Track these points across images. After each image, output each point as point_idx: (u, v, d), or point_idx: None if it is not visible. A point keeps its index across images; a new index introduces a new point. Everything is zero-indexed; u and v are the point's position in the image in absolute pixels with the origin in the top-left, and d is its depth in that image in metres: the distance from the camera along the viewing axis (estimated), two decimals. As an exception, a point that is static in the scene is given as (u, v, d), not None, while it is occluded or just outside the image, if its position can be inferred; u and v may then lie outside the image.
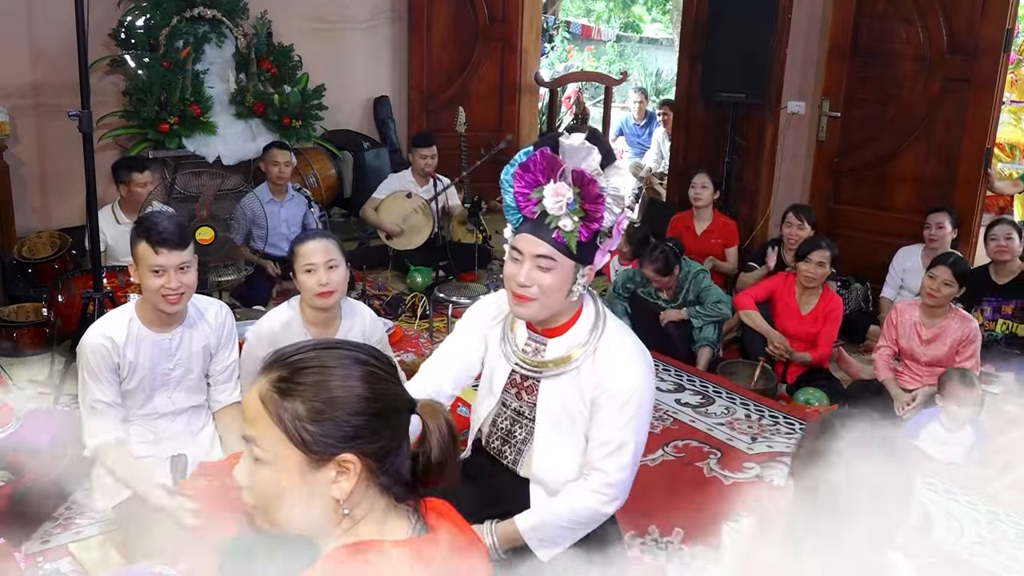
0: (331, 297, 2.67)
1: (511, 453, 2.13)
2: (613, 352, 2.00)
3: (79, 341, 2.52)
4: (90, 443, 2.49)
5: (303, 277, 2.66)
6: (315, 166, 5.82)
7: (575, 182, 1.88)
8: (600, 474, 1.99)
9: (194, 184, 4.41)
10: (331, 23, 6.30)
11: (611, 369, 1.99)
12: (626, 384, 1.97)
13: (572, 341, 2.02)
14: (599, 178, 1.87)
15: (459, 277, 5.16)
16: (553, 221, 1.89)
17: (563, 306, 1.99)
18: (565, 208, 1.87)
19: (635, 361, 2.01)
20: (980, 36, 4.66)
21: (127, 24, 5.22)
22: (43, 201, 5.25)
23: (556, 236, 1.89)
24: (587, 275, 1.97)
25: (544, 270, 1.91)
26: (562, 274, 1.92)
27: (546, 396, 2.05)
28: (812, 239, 4.24)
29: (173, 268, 2.43)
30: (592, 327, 2.03)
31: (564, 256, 1.91)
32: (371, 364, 1.22)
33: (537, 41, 7.29)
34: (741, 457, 3.31)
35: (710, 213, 5.08)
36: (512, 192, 1.94)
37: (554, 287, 1.93)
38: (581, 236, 1.89)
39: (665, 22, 15.31)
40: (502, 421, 2.15)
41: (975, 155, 4.79)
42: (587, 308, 2.05)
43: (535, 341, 2.07)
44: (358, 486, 1.19)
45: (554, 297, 1.95)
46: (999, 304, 4.24)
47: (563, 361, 2.02)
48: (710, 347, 4.23)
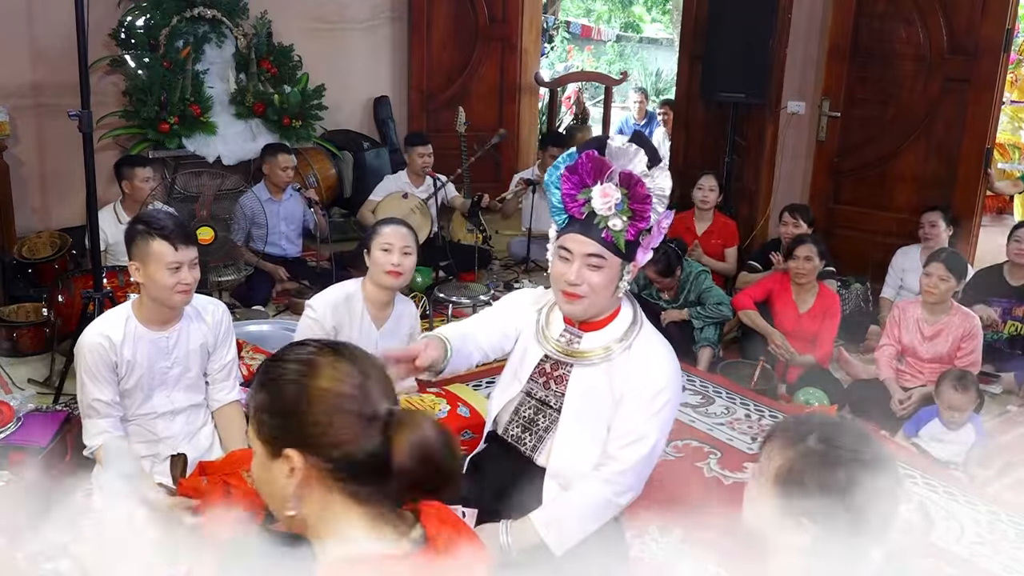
0: (399, 279, 2.85)
1: (531, 440, 2.16)
2: (648, 350, 2.08)
3: (78, 340, 2.53)
4: (89, 443, 2.50)
5: (378, 254, 2.83)
6: (315, 166, 5.82)
7: (623, 183, 1.95)
8: (615, 463, 2.03)
9: (194, 184, 4.42)
10: (331, 23, 6.30)
11: (644, 364, 2.05)
12: (658, 380, 2.04)
13: (608, 337, 2.09)
14: (646, 179, 1.95)
15: (459, 277, 5.16)
16: (602, 221, 1.97)
17: (608, 304, 2.07)
18: (614, 208, 1.94)
19: (668, 361, 2.09)
20: (980, 36, 4.66)
21: (127, 24, 5.22)
22: (43, 201, 5.25)
23: (605, 235, 1.97)
24: (632, 272, 2.05)
25: (594, 268, 2.00)
26: (610, 272, 2.01)
27: (576, 385, 2.10)
28: (797, 237, 4.26)
29: (188, 263, 2.47)
30: (629, 326, 2.10)
31: (613, 255, 1.99)
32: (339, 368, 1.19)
33: (537, 41, 7.30)
34: (741, 457, 3.31)
35: (711, 214, 5.08)
36: (559, 193, 2.00)
37: (603, 285, 2.01)
38: (628, 235, 1.97)
39: (665, 22, 15.30)
40: (525, 410, 2.19)
41: (975, 155, 4.78)
42: (625, 307, 2.13)
43: (570, 333, 2.13)
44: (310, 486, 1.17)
45: (602, 295, 2.03)
46: (1011, 306, 4.24)
47: (598, 352, 2.08)
48: (711, 347, 4.23)
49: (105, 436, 2.49)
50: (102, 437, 2.49)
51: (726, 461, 3.27)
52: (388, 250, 2.83)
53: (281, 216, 5.01)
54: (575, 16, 15.08)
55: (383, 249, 2.84)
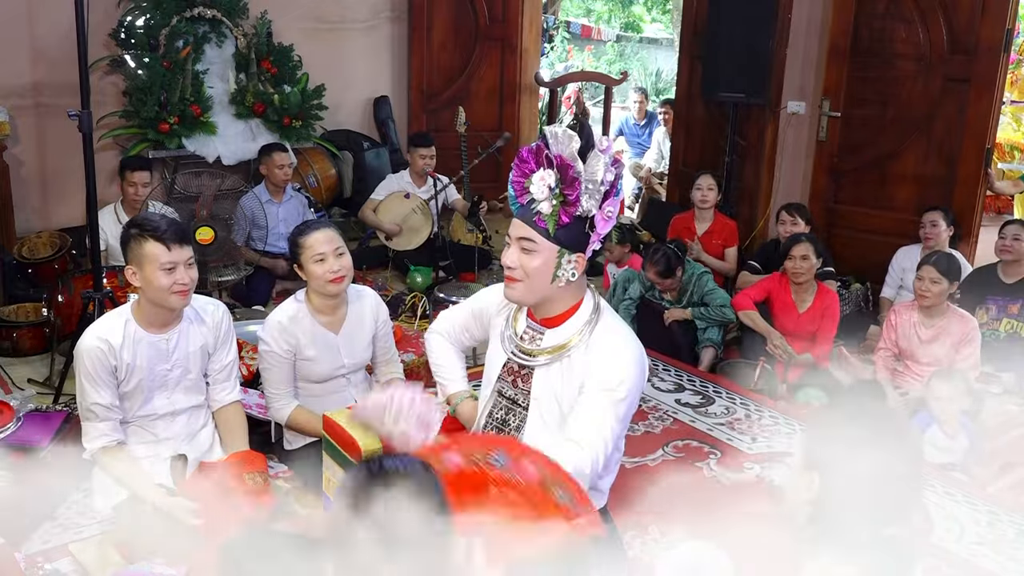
0: (343, 282, 2.78)
1: None
2: (605, 341, 2.06)
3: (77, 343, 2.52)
4: (89, 446, 2.50)
5: (313, 267, 2.74)
6: (315, 166, 5.82)
7: (557, 167, 1.97)
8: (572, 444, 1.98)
9: (194, 184, 4.42)
10: (331, 23, 6.30)
11: (603, 355, 2.04)
12: (615, 370, 2.02)
13: (568, 331, 2.09)
14: (575, 162, 1.94)
15: (459, 277, 5.16)
16: (536, 205, 1.99)
17: (550, 291, 2.05)
18: (547, 192, 1.96)
19: (627, 351, 2.06)
20: (980, 36, 4.66)
21: (127, 24, 5.22)
22: (43, 201, 5.25)
23: (537, 219, 1.99)
24: (574, 262, 2.02)
25: (527, 252, 2.01)
26: (544, 257, 2.00)
27: (539, 384, 2.11)
28: (792, 236, 4.25)
29: (183, 263, 2.46)
30: (588, 319, 2.09)
31: (544, 239, 1.99)
32: None
33: (537, 41, 7.29)
34: (741, 457, 3.31)
35: (711, 214, 5.08)
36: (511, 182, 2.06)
37: (538, 270, 2.01)
38: (561, 220, 1.97)
39: (665, 22, 15.30)
40: (497, 411, 2.21)
41: (975, 155, 4.78)
42: (586, 301, 2.12)
43: (533, 330, 2.14)
44: None
45: (538, 280, 2.02)
46: (1005, 303, 4.24)
47: (557, 350, 2.08)
48: (714, 347, 4.23)
49: (104, 439, 2.48)
50: (101, 440, 2.48)
51: (726, 461, 3.27)
52: (323, 259, 2.73)
53: (280, 217, 5.01)
54: (575, 16, 15.08)
55: (317, 260, 2.73)
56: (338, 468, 2.56)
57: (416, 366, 3.61)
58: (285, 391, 2.83)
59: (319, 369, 2.85)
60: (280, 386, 2.82)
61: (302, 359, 2.82)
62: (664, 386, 3.94)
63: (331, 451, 2.58)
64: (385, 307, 3.05)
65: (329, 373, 2.88)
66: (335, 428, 2.53)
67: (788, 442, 3.42)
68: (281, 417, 2.84)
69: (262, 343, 2.81)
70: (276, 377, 2.81)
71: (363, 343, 2.94)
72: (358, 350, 2.93)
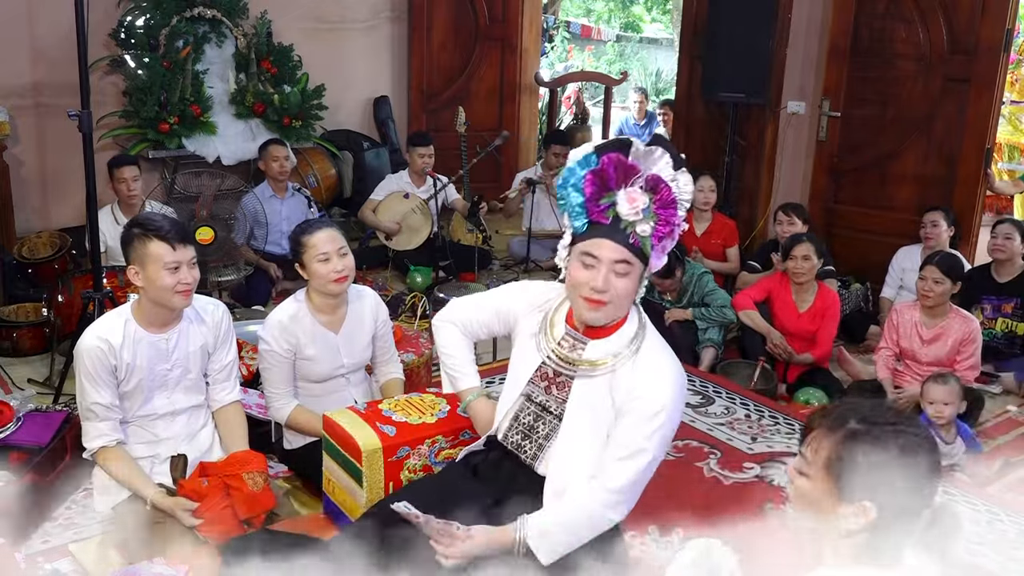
0: (346, 282, 2.78)
1: (531, 448, 2.13)
2: (652, 363, 2.01)
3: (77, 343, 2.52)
4: (89, 446, 2.49)
5: (317, 266, 2.73)
6: (315, 166, 5.82)
7: (649, 188, 1.90)
8: (609, 478, 1.98)
9: (194, 184, 4.41)
10: (331, 23, 6.30)
11: (647, 378, 1.99)
12: (660, 396, 1.97)
13: (613, 345, 2.03)
14: (673, 184, 1.90)
15: (459, 277, 5.16)
16: (629, 226, 1.91)
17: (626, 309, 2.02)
18: (641, 214, 1.89)
19: (672, 376, 2.01)
20: (980, 36, 4.66)
21: (127, 24, 5.22)
22: (43, 201, 5.25)
23: (633, 241, 1.92)
24: (648, 276, 2.01)
25: (621, 275, 1.94)
26: (635, 278, 1.96)
27: (579, 395, 2.05)
28: (793, 235, 4.25)
29: (187, 263, 2.47)
30: (635, 335, 2.04)
31: (639, 260, 1.94)
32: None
33: (537, 41, 7.29)
34: (741, 457, 3.31)
35: (710, 214, 5.08)
36: (580, 197, 1.94)
37: (628, 291, 1.96)
38: (656, 238, 1.93)
39: (665, 22, 15.30)
40: (524, 416, 2.16)
41: (975, 155, 4.78)
42: (632, 315, 2.07)
43: (573, 339, 2.08)
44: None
45: (626, 301, 1.99)
46: (1000, 303, 4.25)
47: (601, 363, 2.03)
48: (715, 348, 4.23)
49: (104, 439, 2.48)
50: (101, 440, 2.48)
51: (726, 461, 3.27)
52: (327, 259, 2.72)
53: (283, 215, 5.01)
54: (575, 16, 15.07)
55: (321, 260, 2.72)
56: (338, 468, 2.56)
57: (416, 366, 3.60)
58: (285, 391, 2.83)
59: (319, 369, 2.85)
60: (280, 386, 2.82)
61: (302, 358, 2.82)
62: (664, 386, 3.93)
63: (331, 451, 2.58)
64: (385, 307, 3.05)
65: (329, 373, 2.88)
66: (335, 428, 2.53)
67: (788, 442, 3.42)
68: (281, 417, 2.84)
69: (262, 342, 2.81)
70: (276, 376, 2.81)
71: (363, 343, 2.94)
72: (358, 350, 2.93)
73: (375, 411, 2.59)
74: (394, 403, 2.66)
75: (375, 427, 2.49)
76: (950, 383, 3.29)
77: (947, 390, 3.27)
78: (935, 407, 3.28)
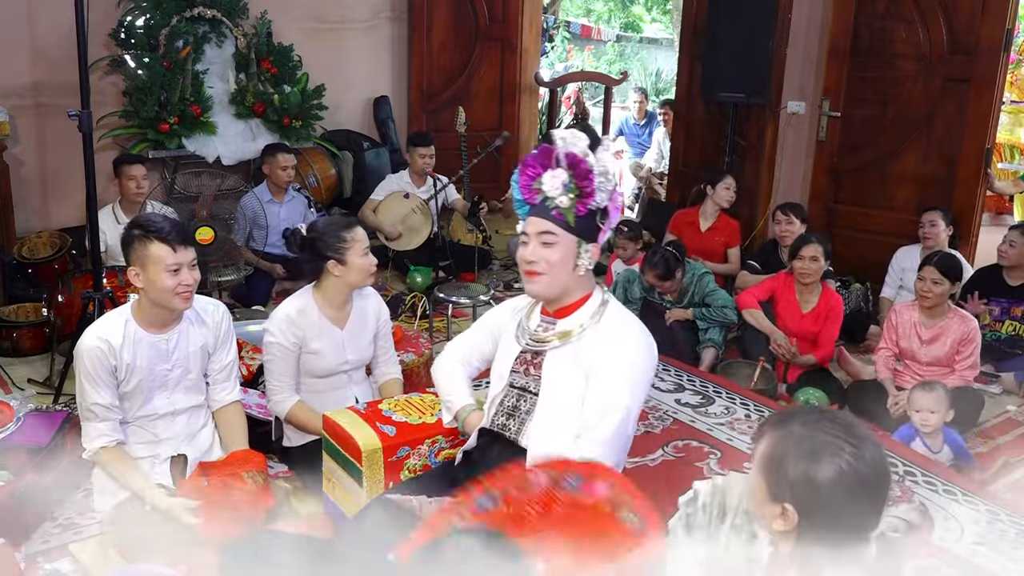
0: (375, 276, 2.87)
1: (515, 424, 2.23)
2: (615, 325, 2.17)
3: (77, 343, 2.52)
4: (89, 446, 2.49)
5: (360, 260, 2.81)
6: (315, 166, 5.82)
7: (568, 164, 2.10)
8: (592, 431, 2.06)
9: (194, 184, 4.42)
10: (331, 23, 6.30)
11: (612, 337, 2.13)
12: (631, 350, 2.13)
13: (579, 319, 2.19)
14: (587, 157, 2.08)
15: (459, 277, 5.16)
16: (551, 201, 2.11)
17: (571, 281, 2.17)
18: (561, 188, 2.09)
19: (636, 333, 2.17)
20: (980, 36, 4.66)
21: (127, 24, 5.22)
22: (43, 201, 5.25)
23: (555, 213, 2.11)
24: (591, 252, 2.15)
25: (548, 245, 2.12)
26: (565, 247, 2.12)
27: (550, 367, 2.19)
28: (802, 236, 4.25)
29: (187, 265, 2.48)
30: (597, 309, 2.20)
31: (564, 231, 2.11)
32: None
33: (537, 41, 7.29)
34: (741, 457, 3.31)
35: (716, 211, 5.09)
36: (518, 187, 2.18)
37: (559, 261, 2.12)
38: (578, 211, 2.10)
39: (665, 22, 15.29)
40: (508, 399, 2.27)
41: (975, 155, 4.79)
42: (595, 294, 2.22)
43: (546, 322, 2.24)
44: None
45: (560, 270, 2.14)
46: (1009, 306, 4.25)
47: (567, 334, 2.18)
48: (715, 348, 4.23)
49: (104, 439, 2.48)
50: (101, 440, 2.48)
51: (726, 461, 3.27)
52: (367, 253, 2.85)
53: (282, 217, 5.01)
54: (575, 16, 15.07)
55: (364, 253, 2.83)
56: (338, 468, 2.56)
57: (416, 366, 3.60)
58: (287, 384, 2.84)
59: (323, 363, 2.87)
60: (283, 378, 2.83)
61: (308, 352, 2.84)
62: (664, 386, 3.94)
63: (331, 451, 2.58)
64: (386, 308, 3.09)
65: (333, 368, 2.90)
66: (335, 428, 2.54)
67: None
68: (281, 411, 2.85)
69: (268, 334, 2.83)
70: (279, 369, 2.82)
71: (366, 340, 2.98)
72: (361, 347, 2.96)
73: (375, 411, 2.59)
74: (394, 403, 2.67)
75: (375, 427, 2.49)
76: (937, 391, 3.26)
77: (934, 398, 3.25)
78: (921, 415, 3.27)
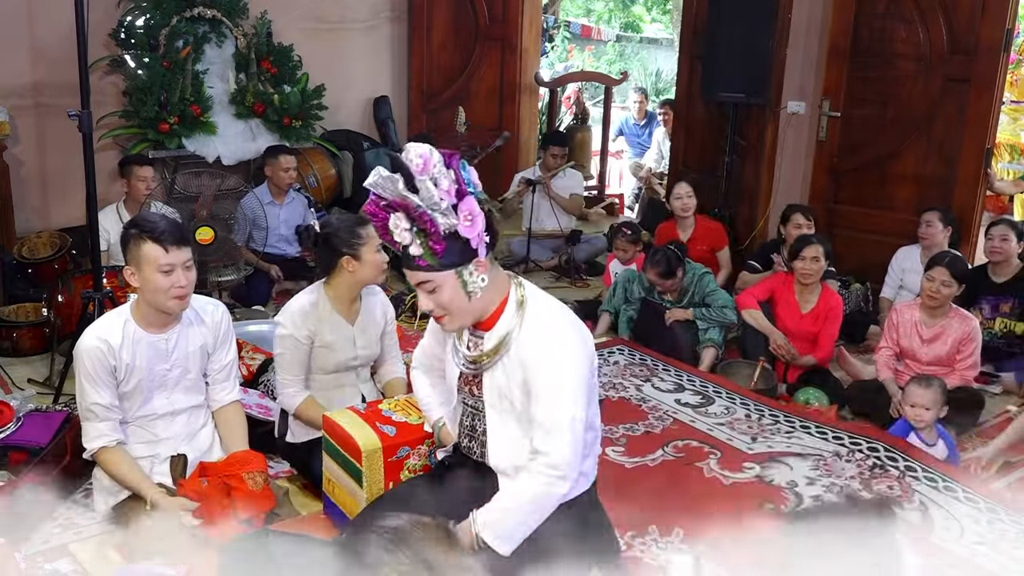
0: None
1: (477, 447, 2.21)
2: (534, 331, 2.04)
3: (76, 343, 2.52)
4: (89, 446, 2.49)
5: (375, 256, 2.83)
6: (315, 166, 5.82)
7: (399, 210, 1.94)
8: (542, 456, 2.01)
9: (194, 184, 4.42)
10: (331, 23, 6.30)
11: (534, 348, 2.02)
12: (551, 361, 2.00)
13: (502, 329, 2.08)
14: (409, 197, 1.89)
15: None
16: (408, 250, 1.97)
17: (477, 304, 2.05)
18: (408, 236, 1.95)
19: (558, 335, 2.03)
20: (980, 36, 4.66)
21: (127, 24, 5.22)
22: (43, 201, 5.25)
23: (419, 261, 1.97)
24: (476, 270, 2.01)
25: (431, 292, 2.01)
26: (448, 286, 1.99)
27: (489, 388, 2.13)
28: (803, 236, 4.25)
29: (181, 265, 2.46)
30: (516, 311, 2.08)
31: (436, 272, 1.98)
32: None
33: (537, 41, 7.29)
34: (741, 457, 3.31)
35: (693, 219, 5.08)
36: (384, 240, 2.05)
37: (450, 299, 2.01)
38: (435, 249, 1.95)
39: (665, 22, 15.30)
40: (466, 419, 2.24)
41: (975, 155, 4.78)
42: (511, 293, 2.10)
43: (474, 337, 2.14)
44: None
45: (457, 306, 2.03)
46: (997, 302, 4.26)
47: (495, 351, 2.08)
48: (715, 348, 4.23)
49: (104, 439, 2.48)
50: (101, 440, 2.48)
51: (726, 461, 3.27)
52: (380, 249, 2.86)
53: (282, 219, 5.02)
54: (575, 16, 15.07)
55: (379, 250, 2.85)
56: (338, 468, 2.56)
57: (416, 366, 3.61)
58: (298, 377, 2.86)
59: (334, 358, 2.88)
60: (293, 370, 2.84)
61: (320, 345, 2.85)
62: (664, 386, 3.94)
63: (331, 451, 2.58)
64: (392, 307, 3.11)
65: (343, 363, 2.92)
66: (335, 428, 2.54)
67: (788, 442, 3.42)
68: (291, 405, 2.86)
69: (280, 327, 2.84)
70: (290, 361, 2.83)
71: (374, 337, 2.99)
72: (371, 342, 2.98)
73: (375, 411, 2.59)
74: (394, 403, 2.67)
75: (375, 427, 2.49)
76: (933, 387, 3.28)
77: (930, 394, 3.26)
78: (915, 410, 3.28)
